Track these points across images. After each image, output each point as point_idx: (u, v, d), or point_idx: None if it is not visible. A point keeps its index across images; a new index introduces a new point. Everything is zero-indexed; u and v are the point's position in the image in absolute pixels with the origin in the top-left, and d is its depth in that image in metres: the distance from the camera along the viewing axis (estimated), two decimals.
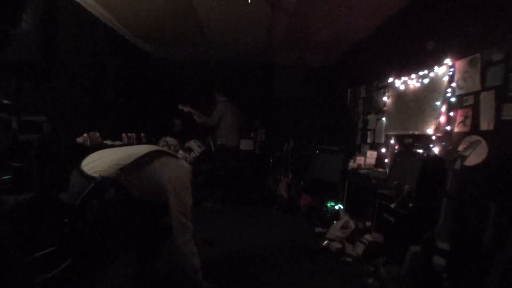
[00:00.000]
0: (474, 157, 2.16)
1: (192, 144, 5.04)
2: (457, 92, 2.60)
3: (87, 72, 3.96)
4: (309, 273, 2.57)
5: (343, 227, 3.14)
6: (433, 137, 2.82)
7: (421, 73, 3.08)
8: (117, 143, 3.74)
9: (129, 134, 4.11)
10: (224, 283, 2.34)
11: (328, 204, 3.90)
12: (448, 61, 2.69)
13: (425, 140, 2.94)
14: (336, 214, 3.62)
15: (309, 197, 4.42)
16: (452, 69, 2.66)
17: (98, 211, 1.58)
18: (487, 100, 2.26)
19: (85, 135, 3.23)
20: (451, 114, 2.63)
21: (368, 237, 2.85)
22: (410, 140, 3.20)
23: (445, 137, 2.69)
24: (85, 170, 1.66)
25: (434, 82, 2.89)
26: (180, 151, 4.96)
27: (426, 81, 3.02)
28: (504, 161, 2.07)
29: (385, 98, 3.87)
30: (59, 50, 3.30)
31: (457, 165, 2.04)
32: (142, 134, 4.45)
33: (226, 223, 3.80)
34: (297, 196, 4.61)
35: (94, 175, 1.62)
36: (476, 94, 2.37)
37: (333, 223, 3.30)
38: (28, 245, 1.99)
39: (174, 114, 5.29)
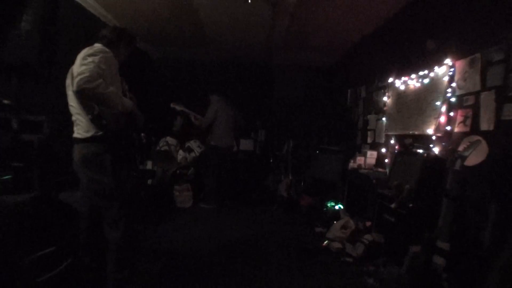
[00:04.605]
0: (474, 157, 2.16)
1: (192, 144, 5.08)
2: (457, 92, 2.59)
3: None
4: (309, 273, 2.57)
5: (343, 227, 3.14)
6: (433, 137, 2.82)
7: (421, 73, 3.08)
8: None
9: None
10: (224, 282, 2.34)
11: (328, 204, 3.90)
12: (448, 61, 2.69)
13: (425, 140, 2.94)
14: (336, 214, 3.62)
15: (309, 197, 4.42)
16: (452, 69, 2.66)
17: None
18: (487, 100, 2.26)
19: None
20: (451, 114, 2.63)
21: (368, 237, 2.85)
22: (410, 140, 3.19)
23: (445, 137, 2.69)
24: None
25: (434, 82, 2.89)
26: (180, 151, 4.99)
27: (426, 81, 3.01)
28: (504, 161, 2.07)
29: (385, 98, 3.87)
30: (59, 50, 3.31)
31: (457, 165, 2.03)
32: (142, 134, 4.43)
33: (226, 223, 3.80)
34: (297, 196, 4.61)
35: None
36: (476, 94, 2.37)
37: (333, 223, 3.30)
38: (28, 245, 1.99)
39: (175, 114, 5.29)
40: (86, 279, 1.96)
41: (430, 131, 2.86)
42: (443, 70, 2.77)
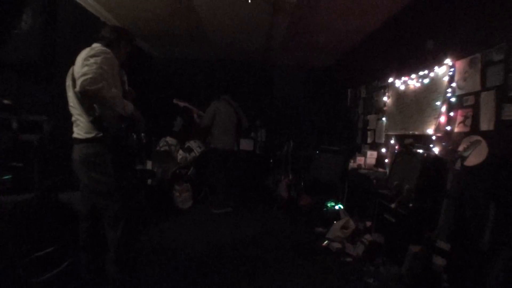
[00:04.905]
0: (474, 157, 2.16)
1: (192, 144, 5.08)
2: (457, 92, 2.59)
3: None
4: (309, 273, 2.57)
5: (343, 227, 3.14)
6: (433, 137, 2.82)
7: (421, 73, 3.08)
8: None
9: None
10: (223, 282, 2.34)
11: (328, 204, 3.90)
12: (448, 61, 2.69)
13: (425, 140, 2.94)
14: (336, 214, 3.62)
15: (309, 197, 4.42)
16: (452, 69, 2.66)
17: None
18: (487, 100, 2.26)
19: None
20: (451, 114, 2.63)
21: (368, 237, 2.85)
22: (410, 140, 3.19)
23: (445, 137, 2.69)
24: None
25: (434, 82, 2.89)
26: (180, 151, 4.99)
27: (426, 81, 3.01)
28: (504, 161, 2.07)
29: (385, 98, 3.87)
30: (59, 50, 3.31)
31: (457, 165, 2.03)
32: (142, 134, 4.42)
33: (226, 223, 3.80)
34: (297, 196, 4.61)
35: None
36: (476, 94, 2.37)
37: (333, 223, 3.30)
38: (28, 245, 1.99)
39: (175, 113, 5.29)
40: (86, 279, 1.96)
41: (430, 131, 2.86)
42: (443, 70, 2.77)
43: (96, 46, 1.88)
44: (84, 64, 1.70)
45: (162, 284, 2.28)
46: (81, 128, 1.86)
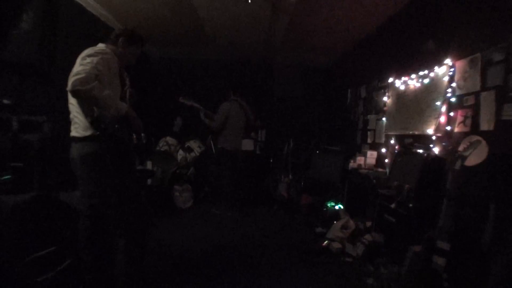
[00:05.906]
0: (474, 157, 2.16)
1: (192, 144, 5.08)
2: (457, 92, 2.59)
3: None
4: (309, 273, 2.57)
5: (343, 227, 3.14)
6: (433, 137, 2.82)
7: (421, 73, 3.08)
8: None
9: None
10: (223, 282, 2.34)
11: (328, 204, 3.90)
12: (448, 61, 2.69)
13: (425, 140, 2.94)
14: (336, 214, 3.62)
15: (309, 197, 4.42)
16: (452, 69, 2.66)
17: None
18: (487, 100, 2.25)
19: None
20: (451, 114, 2.63)
21: (368, 237, 2.85)
22: (410, 140, 3.20)
23: (445, 137, 2.69)
24: None
25: (434, 82, 2.89)
26: (180, 151, 4.99)
27: (426, 81, 3.01)
28: (504, 161, 2.07)
29: (385, 98, 3.87)
30: (59, 50, 3.31)
31: (457, 165, 2.03)
32: (142, 134, 4.41)
33: (226, 223, 3.80)
34: (297, 196, 4.61)
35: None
36: (476, 94, 2.37)
37: (333, 223, 3.30)
38: (28, 245, 1.99)
39: (175, 113, 5.29)
40: (86, 279, 1.96)
41: (430, 131, 2.86)
42: (443, 70, 2.77)
43: (99, 46, 1.91)
44: (80, 64, 1.72)
45: (162, 283, 2.27)
46: (78, 126, 1.86)
